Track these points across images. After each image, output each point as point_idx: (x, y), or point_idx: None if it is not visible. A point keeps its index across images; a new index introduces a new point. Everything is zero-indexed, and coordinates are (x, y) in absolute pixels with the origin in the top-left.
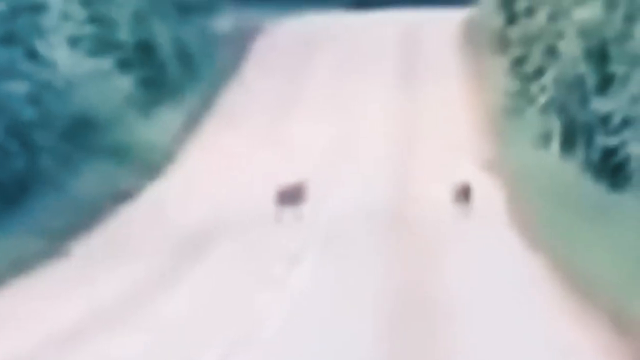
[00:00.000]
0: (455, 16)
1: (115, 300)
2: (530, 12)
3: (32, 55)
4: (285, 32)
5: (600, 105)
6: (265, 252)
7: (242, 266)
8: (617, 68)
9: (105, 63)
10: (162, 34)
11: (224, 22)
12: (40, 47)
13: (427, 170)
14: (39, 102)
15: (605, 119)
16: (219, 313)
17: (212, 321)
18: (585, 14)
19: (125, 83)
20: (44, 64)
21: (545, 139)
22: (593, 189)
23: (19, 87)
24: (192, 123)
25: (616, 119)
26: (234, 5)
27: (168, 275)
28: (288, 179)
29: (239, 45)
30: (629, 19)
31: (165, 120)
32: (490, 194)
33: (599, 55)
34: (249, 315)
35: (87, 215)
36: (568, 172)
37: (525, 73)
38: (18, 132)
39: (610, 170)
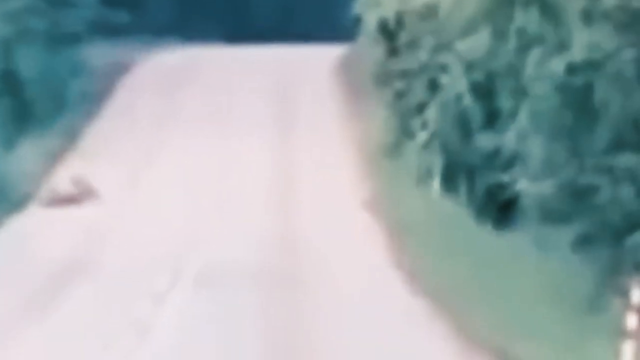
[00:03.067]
0: (335, 52)
1: None
2: (412, 44)
3: None
4: (157, 66)
5: (486, 141)
6: (128, 291)
7: (103, 305)
8: (504, 102)
9: None
10: (28, 64)
11: (94, 54)
12: None
13: (302, 213)
14: None
15: (491, 156)
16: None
17: None
18: (471, 45)
19: None
20: None
21: (427, 176)
22: (477, 229)
23: None
24: (56, 155)
25: (504, 156)
26: (105, 39)
27: (21, 316)
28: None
29: (110, 78)
30: (521, 49)
31: (28, 152)
32: (370, 235)
33: (485, 89)
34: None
35: None
36: (450, 211)
37: (406, 107)
38: None
39: (496, 209)
